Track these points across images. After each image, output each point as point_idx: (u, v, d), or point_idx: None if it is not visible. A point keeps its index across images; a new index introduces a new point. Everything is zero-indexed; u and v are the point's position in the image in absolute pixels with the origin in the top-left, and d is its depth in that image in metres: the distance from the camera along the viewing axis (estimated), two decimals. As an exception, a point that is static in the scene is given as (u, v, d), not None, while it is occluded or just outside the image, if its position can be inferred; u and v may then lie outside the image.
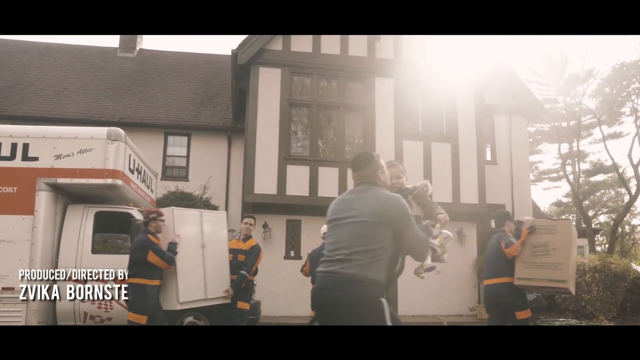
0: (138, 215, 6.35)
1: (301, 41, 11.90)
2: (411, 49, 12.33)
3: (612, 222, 22.57)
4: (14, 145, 6.06)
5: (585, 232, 16.25)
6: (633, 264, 12.57)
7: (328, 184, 11.49)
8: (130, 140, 6.65)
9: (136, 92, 15.27)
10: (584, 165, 27.58)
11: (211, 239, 6.09)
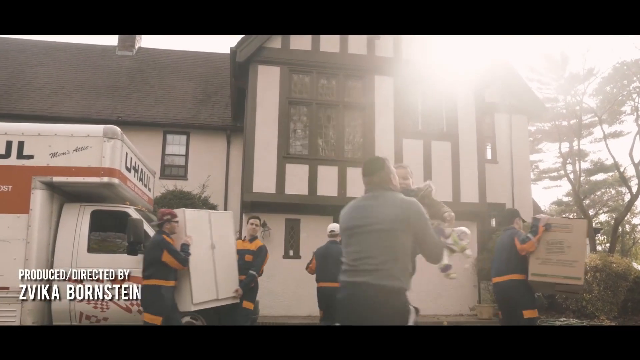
0: (135, 214, 6.28)
1: (300, 39, 11.81)
2: (411, 47, 12.24)
3: (613, 222, 22.51)
4: (8, 143, 5.98)
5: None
6: (634, 263, 12.48)
7: (327, 182, 11.42)
8: (127, 138, 6.58)
9: (135, 91, 15.20)
10: (585, 164, 27.54)
11: (220, 240, 6.13)
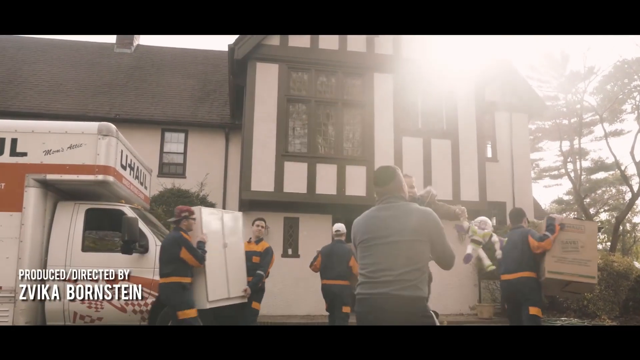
0: (130, 212, 6.19)
1: (299, 36, 11.68)
2: (411, 44, 12.13)
3: (614, 220, 22.43)
4: (1, 140, 5.88)
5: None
6: (635, 263, 12.41)
7: (326, 181, 11.33)
8: (123, 136, 6.49)
9: (133, 88, 15.11)
10: (585, 163, 27.48)
11: (231, 239, 6.16)
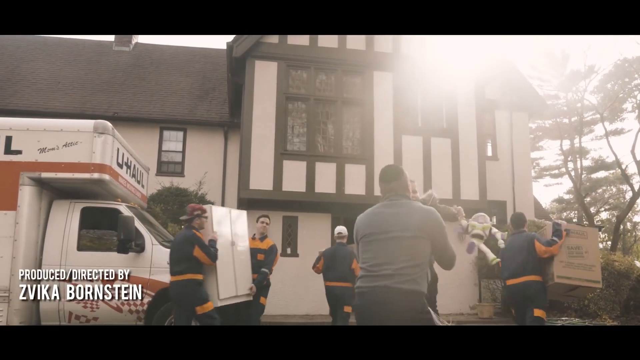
0: (126, 211, 6.12)
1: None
2: (411, 42, 12.04)
3: (615, 219, 22.37)
4: (-4, 138, 5.82)
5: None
6: (636, 262, 12.34)
7: (325, 179, 11.26)
8: (119, 134, 6.42)
9: (131, 86, 15.03)
10: (586, 162, 27.41)
11: (238, 237, 6.18)
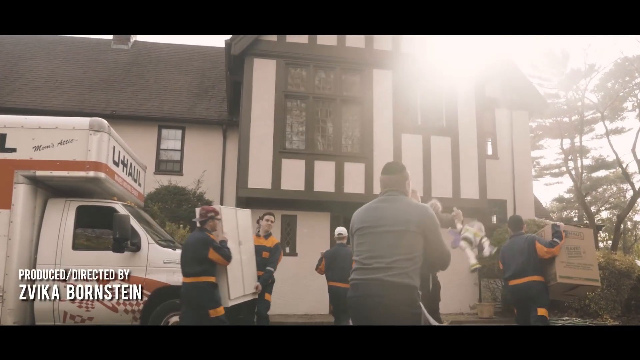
0: (122, 209, 6.06)
1: (297, 31, 11.56)
2: (410, 41, 11.96)
3: (615, 219, 22.32)
4: (-10, 136, 5.76)
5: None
6: (637, 261, 12.28)
7: (324, 178, 11.19)
8: (115, 132, 6.35)
9: (130, 85, 14.95)
10: (586, 161, 27.34)
11: (244, 236, 6.18)
